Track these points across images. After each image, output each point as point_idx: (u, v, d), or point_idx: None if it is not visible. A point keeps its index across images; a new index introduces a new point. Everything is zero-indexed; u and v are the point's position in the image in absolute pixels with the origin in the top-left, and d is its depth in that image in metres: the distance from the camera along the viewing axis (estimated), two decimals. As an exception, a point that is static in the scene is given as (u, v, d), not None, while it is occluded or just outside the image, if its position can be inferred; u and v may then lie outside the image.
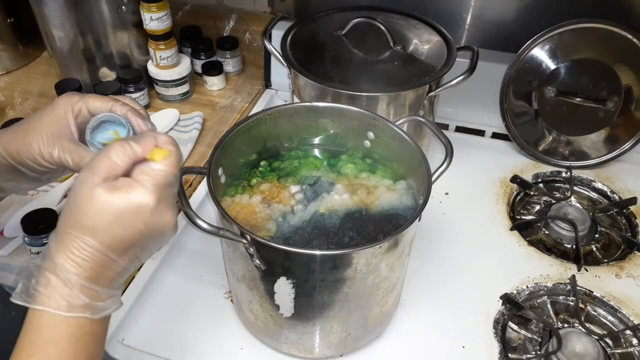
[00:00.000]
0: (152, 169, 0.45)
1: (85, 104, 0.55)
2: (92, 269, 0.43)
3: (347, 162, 0.76)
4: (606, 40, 0.93)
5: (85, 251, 0.43)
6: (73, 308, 0.42)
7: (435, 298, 0.80)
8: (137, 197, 0.43)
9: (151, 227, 0.45)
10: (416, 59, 0.93)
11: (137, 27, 1.05)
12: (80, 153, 0.53)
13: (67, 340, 0.42)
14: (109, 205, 0.43)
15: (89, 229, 0.43)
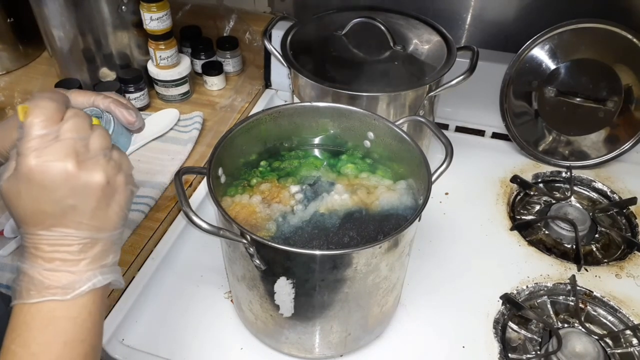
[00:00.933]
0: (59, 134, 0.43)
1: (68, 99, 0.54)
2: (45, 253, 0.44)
3: (347, 162, 0.76)
4: (606, 40, 0.93)
5: (29, 240, 0.45)
6: (36, 295, 0.43)
7: (435, 298, 0.80)
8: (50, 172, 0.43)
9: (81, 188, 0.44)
10: (416, 59, 0.93)
11: (137, 27, 1.05)
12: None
13: (40, 325, 0.44)
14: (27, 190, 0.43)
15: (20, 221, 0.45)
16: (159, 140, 1.01)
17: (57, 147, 0.43)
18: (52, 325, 0.44)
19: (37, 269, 0.44)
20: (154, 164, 0.95)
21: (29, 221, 0.44)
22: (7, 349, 0.43)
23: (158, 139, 1.01)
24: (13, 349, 0.43)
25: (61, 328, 0.44)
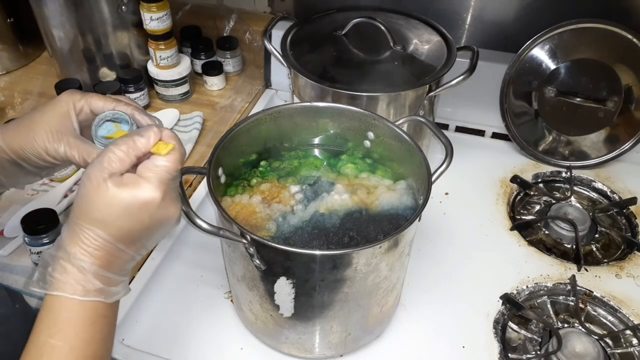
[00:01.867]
0: (156, 166, 0.47)
1: (87, 103, 0.56)
2: (103, 257, 0.46)
3: (347, 162, 0.76)
4: (606, 40, 0.93)
5: (96, 242, 0.46)
6: (88, 292, 0.45)
7: (435, 298, 0.80)
8: (143, 193, 0.46)
9: (157, 220, 0.47)
10: (416, 59, 0.93)
11: (137, 27, 1.05)
12: (86, 149, 0.54)
13: (84, 322, 0.45)
14: (117, 200, 0.45)
15: (98, 222, 0.46)
16: (159, 140, 1.01)
17: (174, 186, 0.49)
18: (95, 323, 0.46)
19: (93, 270, 0.46)
20: (154, 164, 0.95)
21: (119, 236, 0.46)
22: (44, 342, 0.44)
23: (158, 139, 1.01)
24: (53, 343, 0.44)
25: (101, 326, 0.47)
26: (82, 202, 0.46)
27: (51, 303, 0.45)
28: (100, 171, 0.46)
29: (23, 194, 0.88)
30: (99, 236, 0.46)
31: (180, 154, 0.49)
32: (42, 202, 0.84)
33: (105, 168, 0.46)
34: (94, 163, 0.47)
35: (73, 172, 0.92)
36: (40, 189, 0.89)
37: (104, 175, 0.46)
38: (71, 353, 0.44)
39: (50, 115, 0.55)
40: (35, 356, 0.44)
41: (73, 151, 0.54)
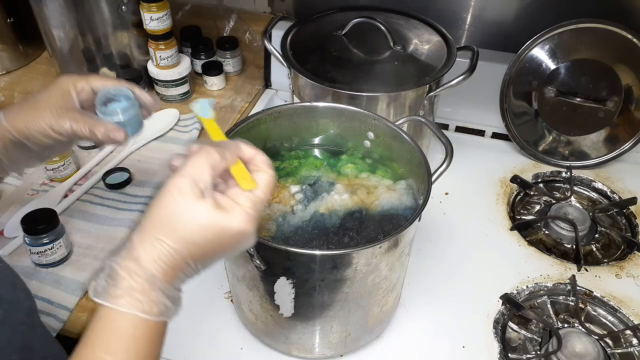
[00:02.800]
0: (256, 196, 0.45)
1: (87, 82, 0.59)
2: (175, 274, 0.43)
3: (347, 162, 0.76)
4: (606, 40, 0.93)
5: (175, 260, 0.43)
6: (160, 313, 0.43)
7: (435, 298, 0.80)
8: (239, 223, 0.44)
9: (238, 248, 0.46)
10: (416, 59, 0.93)
11: (137, 27, 1.05)
12: (91, 122, 0.57)
13: (145, 341, 0.43)
14: (212, 224, 0.43)
15: (185, 241, 0.43)
16: (159, 140, 1.01)
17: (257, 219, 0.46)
18: (154, 340, 0.44)
19: (164, 287, 0.43)
20: (154, 164, 0.95)
21: (198, 256, 0.44)
22: (96, 356, 0.42)
23: (158, 139, 1.01)
24: (102, 356, 0.42)
25: (159, 344, 0.45)
26: (168, 216, 0.43)
27: (114, 317, 0.42)
28: (191, 184, 0.43)
29: (23, 194, 0.88)
30: (179, 255, 0.43)
31: (273, 182, 0.46)
32: (42, 202, 0.84)
33: (198, 183, 0.43)
34: (181, 172, 0.43)
35: (73, 172, 0.92)
36: (40, 189, 0.89)
37: (196, 191, 0.42)
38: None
39: (54, 94, 0.57)
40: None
41: (79, 125, 0.56)
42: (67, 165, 0.90)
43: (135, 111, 0.61)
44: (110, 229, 0.82)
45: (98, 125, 0.57)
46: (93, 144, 0.97)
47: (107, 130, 0.58)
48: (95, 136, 0.58)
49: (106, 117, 0.59)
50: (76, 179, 0.91)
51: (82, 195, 0.88)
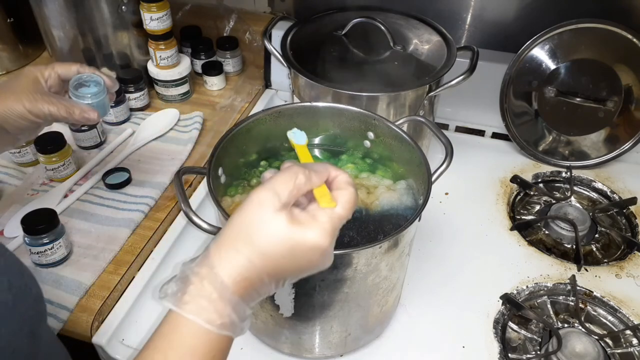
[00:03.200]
0: (334, 212, 0.44)
1: (53, 70, 0.65)
2: (247, 288, 0.43)
3: (347, 162, 0.76)
4: (606, 40, 0.93)
5: (249, 273, 0.42)
6: (223, 326, 0.42)
7: (435, 298, 0.80)
8: (314, 237, 0.43)
9: (313, 266, 0.45)
10: (416, 59, 0.93)
11: (137, 27, 1.05)
12: (68, 104, 0.64)
13: (206, 353, 0.42)
14: (287, 237, 0.43)
15: (260, 253, 0.42)
16: (159, 140, 1.01)
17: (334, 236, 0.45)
18: (216, 356, 0.42)
19: (234, 300, 0.42)
20: (154, 164, 0.95)
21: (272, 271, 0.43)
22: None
23: (158, 139, 1.01)
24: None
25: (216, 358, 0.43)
26: (246, 226, 0.43)
27: (179, 323, 0.41)
28: (274, 197, 0.43)
29: (23, 194, 0.88)
30: (254, 268, 0.42)
31: (355, 201, 0.46)
32: (42, 202, 0.84)
33: (280, 195, 0.43)
34: (267, 186, 0.43)
35: (73, 172, 0.92)
36: (40, 189, 0.89)
37: (277, 204, 0.43)
38: None
39: (24, 82, 0.63)
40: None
41: (56, 107, 0.62)
42: (67, 165, 0.90)
43: (104, 95, 0.68)
44: (110, 229, 0.82)
45: (74, 107, 0.64)
46: (93, 144, 0.97)
47: (82, 111, 0.65)
48: (72, 117, 0.64)
49: (79, 100, 0.66)
50: (76, 179, 0.91)
51: (82, 195, 0.88)
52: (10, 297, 0.40)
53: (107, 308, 0.74)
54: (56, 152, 0.88)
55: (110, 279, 0.76)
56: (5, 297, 0.40)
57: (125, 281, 0.77)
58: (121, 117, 1.03)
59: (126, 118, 1.05)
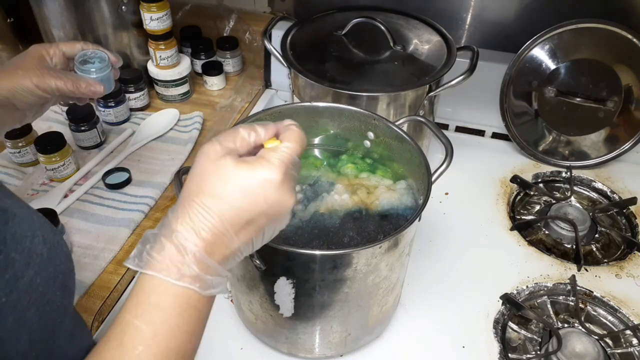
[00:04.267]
0: (279, 147, 0.45)
1: (57, 48, 0.66)
2: (207, 240, 0.42)
3: (347, 162, 0.76)
4: (606, 40, 0.93)
5: (205, 219, 0.42)
6: (183, 277, 0.41)
7: (435, 298, 0.80)
8: (263, 172, 0.43)
9: (271, 205, 0.44)
10: (416, 59, 0.93)
11: (137, 27, 1.05)
12: (75, 79, 0.65)
13: (172, 309, 0.41)
14: (235, 176, 0.42)
15: (212, 196, 0.42)
16: (159, 140, 1.01)
17: (293, 175, 0.45)
18: (185, 313, 0.42)
19: (194, 252, 0.42)
20: (154, 164, 0.95)
21: (230, 216, 0.42)
22: (129, 322, 0.41)
23: (158, 139, 1.01)
24: (137, 324, 0.41)
25: (190, 318, 0.42)
26: (195, 177, 0.44)
27: (143, 282, 0.42)
28: (217, 146, 0.44)
29: (23, 194, 0.88)
30: (208, 212, 0.42)
31: (301, 138, 0.46)
32: (42, 202, 0.84)
33: (223, 144, 0.44)
34: (211, 140, 0.44)
35: (73, 172, 0.92)
36: (40, 189, 0.89)
37: (219, 152, 0.43)
38: (154, 340, 0.40)
39: (31, 59, 0.64)
40: (119, 335, 0.41)
41: (64, 81, 0.63)
42: (67, 165, 0.90)
43: (109, 70, 0.69)
44: (110, 229, 0.82)
45: (80, 81, 0.66)
46: (93, 144, 0.97)
47: (89, 85, 0.66)
48: (79, 90, 0.65)
49: (84, 74, 0.67)
50: (76, 179, 0.91)
51: (82, 195, 0.88)
52: (45, 250, 0.42)
53: (107, 308, 0.74)
54: (56, 152, 0.88)
55: (110, 279, 0.76)
56: (40, 249, 0.41)
57: (125, 281, 0.77)
58: (121, 117, 1.03)
59: (126, 118, 1.05)
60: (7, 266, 0.38)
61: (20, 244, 0.40)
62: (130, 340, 0.40)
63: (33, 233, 0.41)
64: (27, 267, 0.40)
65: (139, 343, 0.40)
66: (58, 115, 1.05)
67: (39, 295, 0.40)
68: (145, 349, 0.40)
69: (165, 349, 0.41)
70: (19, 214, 0.41)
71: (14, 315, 0.38)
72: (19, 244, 0.39)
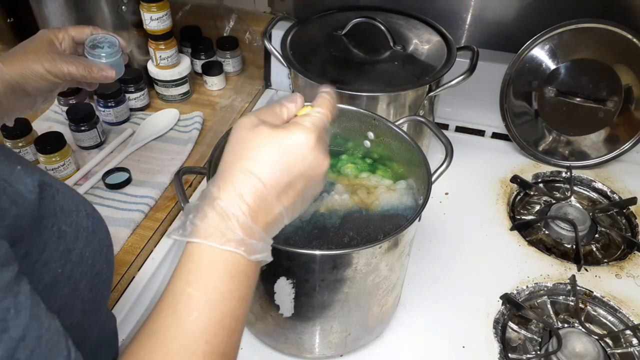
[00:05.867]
0: (310, 112, 0.47)
1: (66, 32, 0.65)
2: (251, 204, 0.43)
3: (347, 162, 0.76)
4: (606, 40, 0.93)
5: (247, 183, 0.43)
6: (228, 242, 0.42)
7: (435, 298, 0.80)
8: (298, 134, 0.44)
9: (308, 166, 0.45)
10: (416, 59, 0.93)
11: (137, 27, 1.05)
12: (87, 63, 0.64)
13: (223, 274, 0.42)
14: (272, 139, 0.44)
15: (252, 161, 0.43)
16: (159, 140, 1.01)
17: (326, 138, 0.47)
18: (234, 278, 0.42)
19: (238, 216, 0.42)
20: (154, 164, 0.95)
21: (270, 179, 0.43)
22: (181, 290, 0.41)
23: (158, 139, 1.01)
24: (189, 291, 0.41)
25: (240, 282, 0.43)
26: (233, 147, 0.45)
27: (191, 251, 0.42)
28: (253, 117, 0.45)
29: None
30: (249, 177, 0.43)
31: (332, 103, 0.48)
32: (42, 202, 0.84)
33: (258, 117, 0.45)
34: (247, 115, 0.46)
35: (73, 172, 0.92)
36: (40, 189, 0.89)
37: (254, 121, 0.45)
38: (207, 305, 0.41)
39: (40, 44, 0.63)
40: (172, 303, 0.41)
41: (75, 66, 0.62)
42: (67, 165, 0.90)
43: (120, 54, 0.68)
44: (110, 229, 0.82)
45: (92, 66, 0.64)
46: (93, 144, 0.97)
47: (100, 70, 0.65)
48: (90, 75, 0.64)
49: (95, 59, 0.66)
50: (76, 179, 0.91)
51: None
52: (89, 224, 0.43)
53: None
54: (56, 152, 0.88)
55: (110, 279, 0.76)
56: (85, 223, 0.43)
57: (125, 281, 0.77)
58: (121, 117, 1.03)
59: (126, 118, 1.05)
60: (60, 238, 0.40)
61: (68, 217, 0.41)
62: (185, 307, 0.40)
63: (77, 207, 0.43)
64: (76, 240, 0.41)
65: (193, 309, 0.40)
66: (58, 115, 1.05)
67: (88, 267, 0.42)
68: (200, 314, 0.40)
69: (220, 313, 0.41)
70: (61, 189, 0.42)
71: (69, 286, 0.40)
72: (67, 217, 0.41)
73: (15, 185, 0.37)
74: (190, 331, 0.39)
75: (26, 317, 0.32)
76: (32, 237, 0.38)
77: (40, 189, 0.39)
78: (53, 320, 0.35)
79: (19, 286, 0.33)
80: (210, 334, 0.40)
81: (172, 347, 0.39)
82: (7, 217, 0.35)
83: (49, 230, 0.39)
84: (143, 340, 0.40)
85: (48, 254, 0.39)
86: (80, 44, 0.68)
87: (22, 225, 0.37)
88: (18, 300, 0.32)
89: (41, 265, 0.38)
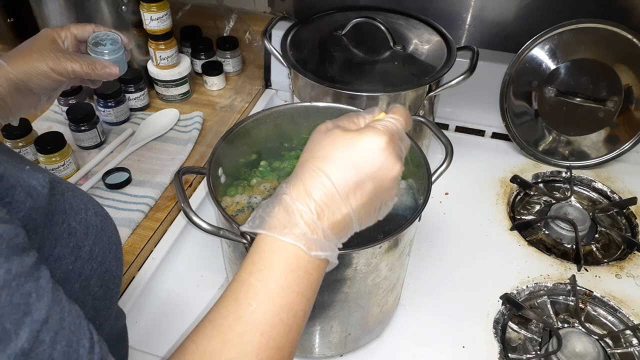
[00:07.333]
0: (383, 119, 0.47)
1: (69, 31, 0.66)
2: (317, 200, 0.43)
3: (347, 162, 0.76)
4: (606, 40, 0.93)
5: (314, 179, 0.44)
6: (289, 234, 0.42)
7: (435, 298, 0.80)
8: (368, 135, 0.45)
9: (378, 168, 0.45)
10: (416, 59, 0.93)
11: (137, 27, 1.05)
12: (90, 61, 0.65)
13: (282, 267, 0.42)
14: (342, 140, 0.45)
15: (321, 159, 0.44)
16: (159, 140, 1.01)
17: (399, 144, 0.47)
18: (294, 272, 0.43)
19: (302, 210, 0.43)
20: (154, 164, 0.95)
21: (338, 177, 0.44)
22: (244, 280, 0.42)
23: (158, 139, 1.01)
24: (251, 281, 0.42)
25: (300, 278, 0.43)
26: (308, 148, 0.46)
27: (258, 243, 0.44)
28: (329, 123, 0.47)
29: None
30: (317, 173, 0.44)
31: (405, 114, 0.48)
32: (42, 202, 0.84)
33: (334, 122, 0.47)
34: (325, 122, 0.48)
35: (73, 172, 0.92)
36: (40, 189, 0.89)
37: (329, 125, 0.47)
38: (267, 296, 0.41)
39: (43, 42, 0.64)
40: (235, 291, 0.42)
41: (79, 64, 0.63)
42: (67, 165, 0.90)
43: (123, 52, 0.69)
44: (110, 229, 0.82)
45: (95, 63, 0.65)
46: (93, 144, 0.97)
47: (104, 67, 0.66)
48: (94, 72, 0.65)
49: (98, 57, 0.67)
50: (76, 179, 0.91)
51: (82, 195, 0.88)
52: (98, 222, 0.44)
53: (107, 308, 0.74)
54: (56, 152, 0.88)
55: (110, 279, 0.76)
56: (94, 221, 0.44)
57: (125, 281, 0.77)
58: (121, 117, 1.03)
59: (126, 118, 1.05)
60: (71, 234, 0.41)
61: (78, 215, 0.42)
62: (245, 297, 0.41)
63: (85, 205, 0.44)
64: (86, 236, 0.42)
65: (253, 299, 0.41)
66: (58, 115, 1.05)
67: (98, 264, 0.43)
68: (259, 305, 0.41)
69: (278, 306, 0.42)
70: (69, 187, 0.43)
71: (79, 282, 0.41)
72: (77, 214, 0.42)
73: (28, 181, 0.38)
74: (247, 320, 0.41)
75: (48, 300, 0.33)
76: (45, 232, 0.39)
77: (51, 185, 0.40)
78: (73, 305, 0.35)
79: (39, 271, 0.33)
80: (267, 326, 0.41)
81: (228, 335, 0.40)
82: (23, 208, 0.36)
83: (60, 226, 0.40)
84: (204, 326, 0.41)
85: (59, 250, 0.40)
86: (82, 42, 0.68)
87: (36, 218, 0.37)
88: (39, 285, 0.33)
89: (53, 261, 0.39)
